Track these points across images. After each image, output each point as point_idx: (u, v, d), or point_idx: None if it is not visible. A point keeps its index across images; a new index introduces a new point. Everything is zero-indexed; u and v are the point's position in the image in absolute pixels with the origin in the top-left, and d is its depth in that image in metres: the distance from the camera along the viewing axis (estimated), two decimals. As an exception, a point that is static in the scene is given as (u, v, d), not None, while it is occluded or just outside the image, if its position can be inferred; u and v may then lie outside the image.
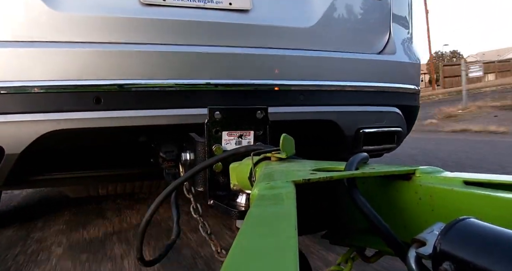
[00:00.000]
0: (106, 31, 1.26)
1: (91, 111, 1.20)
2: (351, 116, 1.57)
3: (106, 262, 1.45)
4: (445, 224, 0.39)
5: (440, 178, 0.53)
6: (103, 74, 1.21)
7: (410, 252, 0.42)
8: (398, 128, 1.70)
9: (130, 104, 1.24)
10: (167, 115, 1.28)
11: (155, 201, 0.94)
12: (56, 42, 1.21)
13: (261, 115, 1.16)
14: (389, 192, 0.59)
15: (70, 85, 1.18)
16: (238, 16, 1.42)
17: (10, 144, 1.15)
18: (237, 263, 0.30)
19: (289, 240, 0.33)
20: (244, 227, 0.38)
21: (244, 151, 0.93)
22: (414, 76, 1.79)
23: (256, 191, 0.52)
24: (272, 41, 1.46)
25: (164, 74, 1.27)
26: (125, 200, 2.52)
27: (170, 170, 1.28)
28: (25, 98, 1.15)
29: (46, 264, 1.46)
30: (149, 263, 1.03)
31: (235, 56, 1.38)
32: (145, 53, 1.26)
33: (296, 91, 1.46)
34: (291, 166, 0.70)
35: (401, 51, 1.75)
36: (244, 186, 0.86)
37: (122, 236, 1.76)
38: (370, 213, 0.52)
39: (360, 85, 1.59)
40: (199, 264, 1.39)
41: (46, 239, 1.77)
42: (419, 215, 0.54)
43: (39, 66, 1.16)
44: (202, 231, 1.10)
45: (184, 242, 1.63)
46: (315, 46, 1.53)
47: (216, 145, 1.11)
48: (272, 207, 0.45)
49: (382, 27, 1.72)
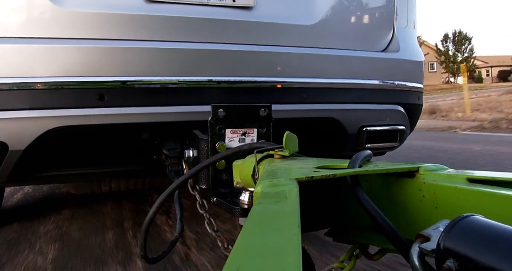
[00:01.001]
0: (110, 28, 1.26)
1: (94, 108, 1.20)
2: (354, 114, 1.57)
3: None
4: (450, 221, 0.39)
5: (444, 175, 0.53)
6: (107, 71, 1.21)
7: (414, 247, 0.42)
8: (401, 126, 1.69)
9: (134, 101, 1.24)
10: (170, 112, 1.28)
11: (159, 198, 0.94)
12: (60, 39, 1.21)
13: (265, 113, 1.16)
14: (393, 190, 0.59)
15: (73, 81, 1.18)
16: (241, 13, 1.42)
17: (14, 140, 1.16)
18: (241, 260, 0.30)
19: (292, 237, 0.33)
20: (247, 224, 0.38)
21: (247, 149, 0.93)
22: (417, 74, 1.78)
23: (259, 189, 0.52)
24: (276, 39, 1.46)
25: (167, 71, 1.27)
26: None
27: (173, 167, 1.28)
28: (29, 94, 1.15)
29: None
30: (153, 260, 1.03)
31: (238, 53, 1.38)
32: (149, 50, 1.26)
33: (299, 88, 1.45)
34: (294, 164, 0.70)
35: (405, 49, 1.74)
36: (247, 183, 0.86)
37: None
38: (374, 210, 0.52)
39: (364, 83, 1.58)
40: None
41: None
42: (422, 213, 0.54)
43: (42, 63, 1.16)
44: (209, 227, 1.09)
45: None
46: (318, 43, 1.53)
47: (220, 142, 1.11)
48: (275, 204, 0.45)
49: (386, 25, 1.72)
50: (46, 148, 1.26)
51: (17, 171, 1.24)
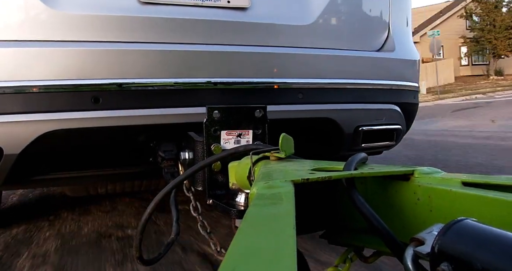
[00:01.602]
0: (105, 30, 1.25)
1: (89, 111, 1.19)
2: (350, 114, 1.57)
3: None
4: (444, 225, 0.39)
5: (439, 178, 0.53)
6: (101, 73, 1.21)
7: (408, 251, 0.42)
8: (397, 126, 1.70)
9: (129, 104, 1.23)
10: (165, 115, 1.27)
11: (154, 200, 0.93)
12: (54, 41, 1.20)
13: (260, 114, 1.16)
14: (388, 192, 0.59)
15: (68, 84, 1.17)
16: (236, 14, 1.42)
17: (9, 144, 1.15)
18: (236, 262, 0.30)
19: (288, 240, 0.33)
20: (242, 226, 0.38)
21: (243, 150, 0.93)
22: (413, 73, 1.79)
23: (254, 190, 0.52)
24: (271, 39, 1.45)
25: (162, 73, 1.27)
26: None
27: (169, 169, 1.28)
28: (23, 98, 1.14)
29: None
30: (149, 262, 1.03)
31: (233, 54, 1.37)
32: (144, 52, 1.26)
33: (295, 89, 1.45)
34: (290, 165, 0.70)
35: (400, 48, 1.74)
36: (243, 185, 0.86)
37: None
38: (369, 213, 0.52)
39: (359, 82, 1.58)
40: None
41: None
42: (417, 216, 0.54)
43: (37, 66, 1.16)
44: (202, 230, 1.09)
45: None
46: (313, 44, 1.53)
47: (215, 144, 1.11)
48: (271, 206, 0.45)
49: (381, 24, 1.72)
50: (41, 151, 1.25)
51: (12, 175, 1.23)
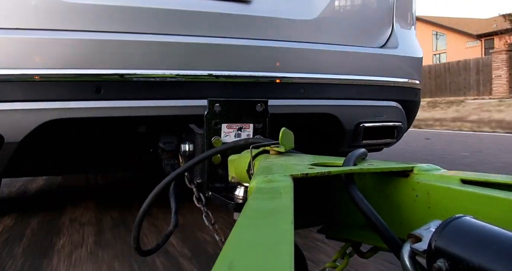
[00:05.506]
0: (107, 20, 1.25)
1: (91, 101, 1.19)
2: (351, 110, 1.57)
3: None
4: (441, 222, 0.40)
5: (438, 175, 0.53)
6: (104, 63, 1.20)
7: (405, 247, 0.42)
8: (398, 123, 1.70)
9: (130, 94, 1.23)
10: (167, 106, 1.27)
11: (153, 191, 0.94)
12: (57, 31, 1.20)
13: (261, 108, 1.16)
14: (387, 189, 0.59)
15: (70, 74, 1.17)
16: (239, 7, 1.41)
17: (10, 132, 1.15)
18: (233, 254, 0.30)
19: (285, 234, 0.33)
20: (241, 219, 0.38)
21: (243, 144, 0.93)
22: (416, 70, 1.78)
23: (254, 184, 0.52)
24: (274, 33, 1.45)
25: (164, 64, 1.27)
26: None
27: (169, 161, 1.28)
28: (25, 86, 1.14)
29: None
30: (146, 252, 1.04)
31: (235, 47, 1.37)
32: (146, 43, 1.26)
33: (297, 84, 1.45)
34: (290, 160, 0.70)
35: (404, 45, 1.73)
36: (242, 178, 0.86)
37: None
38: (367, 208, 0.52)
39: (362, 79, 1.58)
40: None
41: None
42: (415, 212, 0.54)
43: (39, 54, 1.16)
44: (206, 220, 1.09)
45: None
46: (317, 39, 1.52)
47: (215, 137, 1.11)
48: (270, 200, 0.45)
49: (385, 21, 1.71)
50: (42, 140, 1.25)
51: (13, 163, 1.23)
